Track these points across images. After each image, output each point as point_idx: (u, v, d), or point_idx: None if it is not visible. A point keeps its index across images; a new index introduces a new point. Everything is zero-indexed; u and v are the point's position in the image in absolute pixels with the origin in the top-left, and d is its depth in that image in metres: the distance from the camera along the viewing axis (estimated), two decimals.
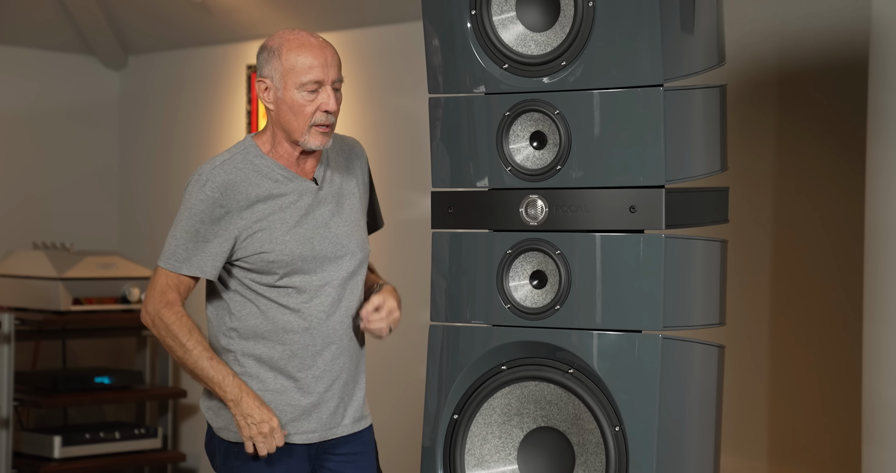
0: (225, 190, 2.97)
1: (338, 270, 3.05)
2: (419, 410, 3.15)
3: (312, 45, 2.97)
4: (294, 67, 2.95)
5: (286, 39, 2.98)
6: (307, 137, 2.98)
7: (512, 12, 2.95)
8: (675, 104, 2.81)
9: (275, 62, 2.97)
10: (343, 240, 3.06)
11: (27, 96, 6.16)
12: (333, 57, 2.99)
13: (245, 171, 3.00)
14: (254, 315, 3.04)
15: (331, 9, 5.45)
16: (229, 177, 2.98)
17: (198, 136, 6.09)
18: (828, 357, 4.21)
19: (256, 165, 3.01)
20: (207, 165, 3.00)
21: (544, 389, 2.93)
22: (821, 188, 4.23)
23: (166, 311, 3.01)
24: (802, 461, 4.25)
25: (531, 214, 2.94)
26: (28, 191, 6.17)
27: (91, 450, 5.47)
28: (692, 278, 2.89)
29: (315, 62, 2.96)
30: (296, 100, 2.97)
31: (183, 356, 3.00)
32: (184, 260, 2.99)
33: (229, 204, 2.97)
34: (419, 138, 5.15)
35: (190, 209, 2.98)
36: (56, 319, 5.41)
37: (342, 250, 3.06)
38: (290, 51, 2.96)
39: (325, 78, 2.97)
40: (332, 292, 3.04)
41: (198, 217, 2.97)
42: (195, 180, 2.99)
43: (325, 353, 3.04)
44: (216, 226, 2.97)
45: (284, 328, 3.02)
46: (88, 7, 5.96)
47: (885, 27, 3.65)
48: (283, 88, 2.97)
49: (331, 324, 3.04)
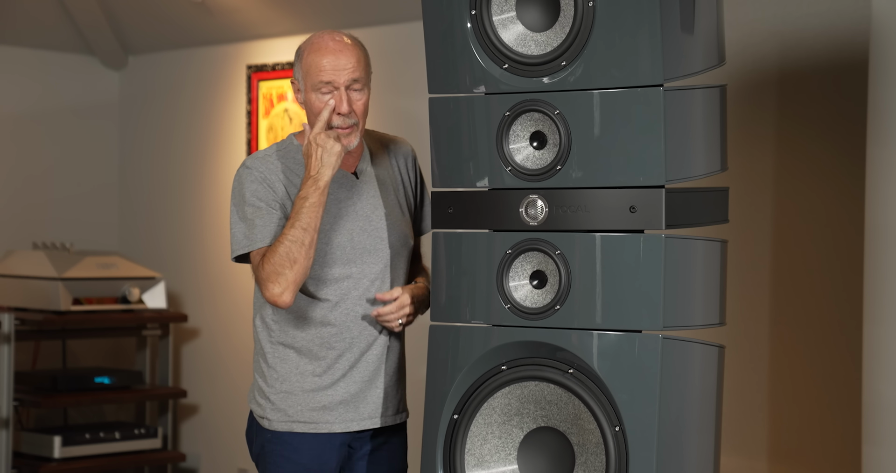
0: (272, 176, 3.06)
1: (376, 262, 3.12)
2: (419, 410, 3.15)
3: (329, 49, 3.05)
4: (310, 68, 3.05)
5: (311, 42, 3.09)
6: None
7: (512, 12, 2.95)
8: (675, 104, 2.81)
9: (298, 64, 3.09)
10: (382, 233, 3.13)
11: (27, 96, 6.16)
12: (349, 60, 3.05)
13: (287, 163, 3.09)
14: (291, 313, 3.11)
15: (331, 9, 5.45)
16: (273, 167, 3.07)
17: (198, 136, 6.09)
18: (828, 357, 4.21)
19: (298, 159, 3.11)
20: (250, 158, 3.10)
21: (544, 389, 2.93)
22: (821, 188, 4.23)
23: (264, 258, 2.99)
24: (802, 461, 4.25)
25: (531, 214, 2.94)
26: (28, 191, 6.17)
27: (91, 450, 5.47)
28: (692, 278, 2.89)
29: (327, 65, 3.04)
30: (313, 102, 3.07)
31: (303, 238, 2.97)
32: (258, 235, 3.02)
33: (277, 189, 3.05)
34: (419, 138, 5.14)
35: (244, 193, 3.05)
36: (56, 319, 5.41)
37: (381, 243, 3.12)
38: (309, 53, 3.06)
39: (335, 80, 3.04)
40: (367, 284, 3.11)
41: (255, 196, 3.04)
42: (242, 170, 3.08)
43: (361, 342, 3.12)
44: (273, 202, 3.04)
45: (322, 320, 3.10)
46: (88, 7, 5.96)
47: (885, 27, 3.65)
48: (305, 89, 3.08)
49: (367, 316, 3.12)
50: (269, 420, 3.14)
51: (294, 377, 3.12)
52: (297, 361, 3.12)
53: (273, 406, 3.13)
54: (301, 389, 3.12)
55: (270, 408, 3.14)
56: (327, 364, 3.11)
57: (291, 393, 3.12)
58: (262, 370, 3.17)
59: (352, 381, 3.13)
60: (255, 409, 3.18)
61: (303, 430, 3.12)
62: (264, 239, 3.02)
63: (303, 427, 3.12)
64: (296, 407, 3.12)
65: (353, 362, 3.12)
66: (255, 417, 3.19)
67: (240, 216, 3.06)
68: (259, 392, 3.17)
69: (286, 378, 3.13)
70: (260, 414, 3.16)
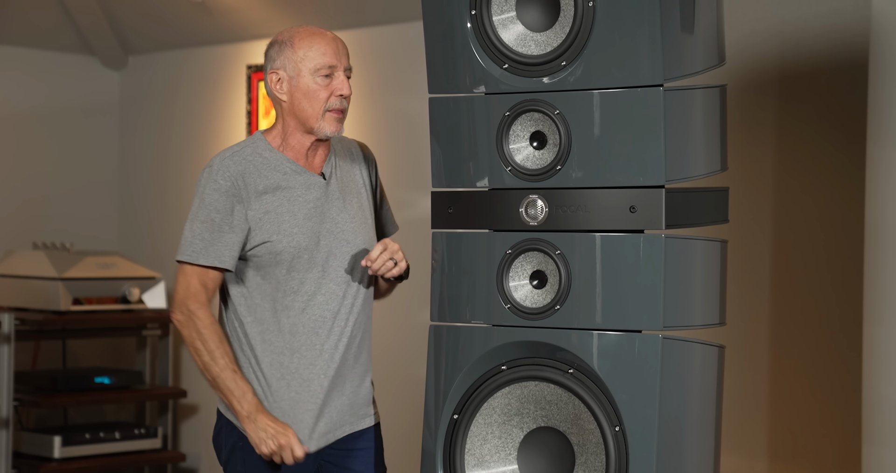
0: (236, 179, 3.02)
1: (342, 265, 3.09)
2: (419, 410, 3.15)
3: (323, 35, 3.09)
4: (308, 53, 3.06)
5: (297, 31, 3.09)
6: (322, 122, 3.06)
7: (512, 12, 2.95)
8: (675, 104, 2.81)
9: (288, 52, 3.07)
10: (349, 236, 3.10)
11: (27, 96, 6.16)
12: (344, 47, 3.11)
13: (254, 162, 3.06)
14: (259, 319, 3.07)
15: (331, 9, 5.45)
16: (239, 167, 3.04)
17: (198, 136, 6.09)
18: (828, 357, 4.21)
19: (266, 157, 3.08)
20: (217, 157, 3.07)
21: (544, 389, 2.93)
22: (821, 188, 4.23)
23: (202, 312, 3.03)
24: (802, 461, 4.25)
25: (531, 214, 2.94)
26: (28, 191, 6.17)
27: (91, 450, 5.47)
28: (692, 278, 2.89)
29: (328, 49, 3.07)
30: (310, 86, 3.06)
31: (208, 363, 3.04)
32: (201, 250, 3.02)
33: (241, 193, 3.02)
34: (419, 138, 5.15)
35: (203, 200, 3.03)
36: (56, 319, 5.41)
37: (348, 247, 3.09)
38: (302, 39, 3.07)
39: (338, 63, 3.08)
40: (335, 289, 3.07)
41: (213, 207, 3.02)
42: (206, 172, 3.05)
43: (328, 346, 3.08)
44: (231, 216, 3.02)
45: (291, 330, 3.06)
46: (89, 7, 5.96)
47: (885, 27, 3.65)
48: (297, 75, 3.06)
49: (337, 321, 3.08)
50: None
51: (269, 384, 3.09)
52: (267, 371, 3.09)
53: None
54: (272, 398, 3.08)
55: None
56: (294, 371, 3.07)
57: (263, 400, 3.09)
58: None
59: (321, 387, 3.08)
60: (227, 414, 3.12)
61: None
62: (208, 258, 3.01)
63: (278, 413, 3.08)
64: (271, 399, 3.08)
65: (323, 369, 3.08)
66: (225, 419, 3.13)
67: (198, 220, 3.03)
68: None
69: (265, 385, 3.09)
70: (235, 420, 3.09)
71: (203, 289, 3.04)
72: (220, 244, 3.01)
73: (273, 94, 3.10)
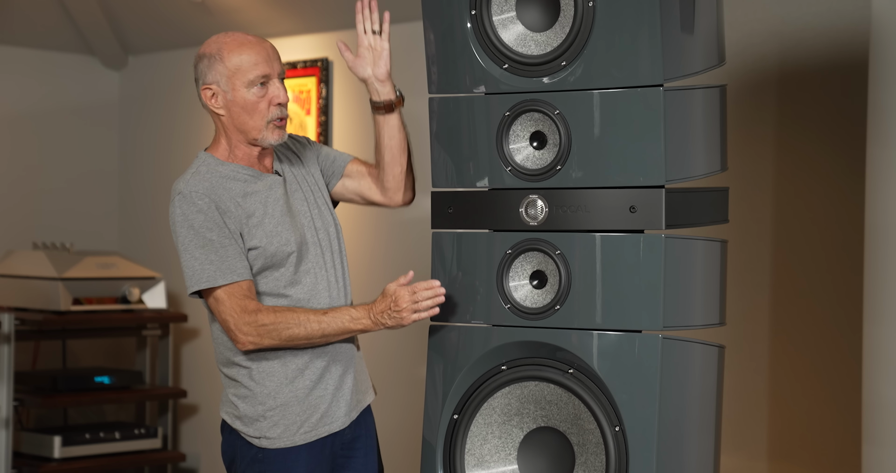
0: (210, 195, 2.97)
1: (325, 252, 3.09)
2: (419, 410, 3.15)
3: (251, 43, 3.01)
4: (239, 66, 2.99)
5: (223, 43, 3.02)
6: (265, 133, 3.02)
7: (512, 12, 2.95)
8: (675, 104, 2.81)
9: (218, 66, 3.00)
10: (317, 223, 3.10)
11: (28, 96, 6.17)
12: (273, 50, 3.04)
13: (215, 178, 3.01)
14: None
15: (331, 9, 5.45)
16: (206, 184, 2.99)
17: (197, 136, 6.09)
18: (828, 357, 4.21)
19: (221, 171, 3.02)
20: (181, 183, 3.00)
21: (544, 389, 2.93)
22: (821, 188, 4.23)
23: (258, 314, 2.95)
24: (802, 461, 4.25)
25: (531, 214, 2.94)
26: (28, 191, 6.17)
27: (91, 450, 5.47)
28: (692, 279, 2.89)
29: (258, 58, 3.00)
30: (248, 99, 3.01)
31: (311, 332, 2.96)
32: (216, 272, 2.95)
33: (220, 206, 2.98)
34: (419, 138, 5.14)
35: (192, 226, 2.96)
36: (56, 319, 5.41)
37: (324, 233, 3.10)
38: (231, 52, 3.00)
39: (270, 71, 3.01)
40: (323, 275, 3.07)
41: (204, 228, 2.96)
42: (178, 200, 2.97)
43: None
44: (225, 228, 2.97)
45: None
46: (89, 8, 5.96)
47: (885, 27, 3.65)
48: (231, 89, 3.01)
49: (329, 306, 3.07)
50: (270, 439, 3.02)
51: (284, 387, 3.03)
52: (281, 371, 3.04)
53: (271, 423, 3.02)
54: (295, 398, 3.04)
55: (264, 428, 3.02)
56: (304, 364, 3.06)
57: (287, 405, 3.03)
58: (243, 387, 3.05)
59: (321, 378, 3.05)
60: (242, 429, 3.04)
61: (304, 441, 3.04)
62: (226, 276, 2.95)
63: (304, 437, 3.04)
64: (293, 418, 3.03)
65: (325, 361, 3.05)
66: (237, 435, 3.05)
67: (195, 247, 2.96)
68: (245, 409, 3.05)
69: (278, 391, 3.03)
70: (255, 435, 3.03)
71: (245, 299, 2.96)
72: (231, 259, 2.96)
73: (209, 109, 3.04)
